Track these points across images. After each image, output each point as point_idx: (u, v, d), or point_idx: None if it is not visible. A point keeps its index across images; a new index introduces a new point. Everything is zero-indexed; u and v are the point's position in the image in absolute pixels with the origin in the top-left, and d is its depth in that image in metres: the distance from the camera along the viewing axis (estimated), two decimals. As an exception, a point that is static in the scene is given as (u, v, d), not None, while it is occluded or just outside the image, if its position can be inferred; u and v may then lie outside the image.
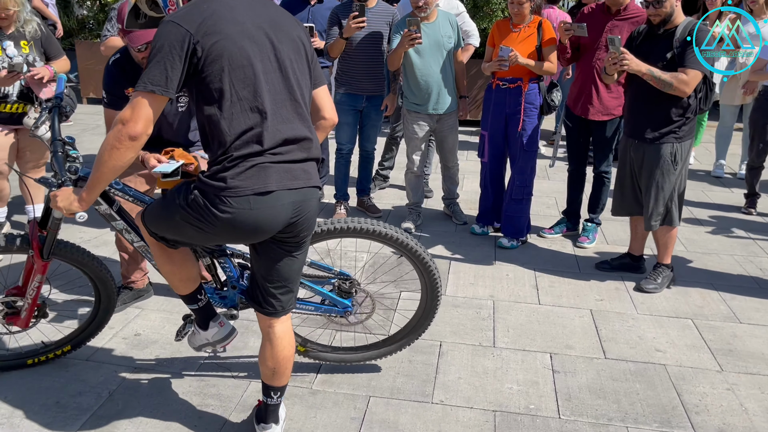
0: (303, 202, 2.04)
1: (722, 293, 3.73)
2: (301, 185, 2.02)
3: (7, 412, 2.53)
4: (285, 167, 1.98)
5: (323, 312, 2.73)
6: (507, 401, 2.70)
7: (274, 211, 1.96)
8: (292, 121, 2.00)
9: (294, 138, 1.99)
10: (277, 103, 1.96)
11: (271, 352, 2.26)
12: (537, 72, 4.06)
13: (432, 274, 2.69)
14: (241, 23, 1.90)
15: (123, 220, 2.45)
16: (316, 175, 2.12)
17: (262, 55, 1.93)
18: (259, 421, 2.40)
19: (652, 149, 3.53)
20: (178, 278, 2.33)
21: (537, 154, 4.29)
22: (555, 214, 4.95)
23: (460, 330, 3.25)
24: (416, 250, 2.61)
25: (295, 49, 2.04)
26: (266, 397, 2.36)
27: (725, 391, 2.81)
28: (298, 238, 2.12)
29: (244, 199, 1.91)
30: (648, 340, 3.20)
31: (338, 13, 4.37)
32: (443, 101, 4.30)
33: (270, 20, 1.99)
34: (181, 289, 2.36)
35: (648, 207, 3.61)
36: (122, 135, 1.82)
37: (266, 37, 1.95)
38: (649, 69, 3.35)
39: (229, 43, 1.86)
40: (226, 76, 1.87)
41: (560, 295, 3.66)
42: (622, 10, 3.98)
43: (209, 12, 1.87)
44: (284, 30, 2.01)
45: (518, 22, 4.08)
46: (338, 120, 4.62)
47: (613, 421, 2.59)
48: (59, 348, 2.82)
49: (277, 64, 1.97)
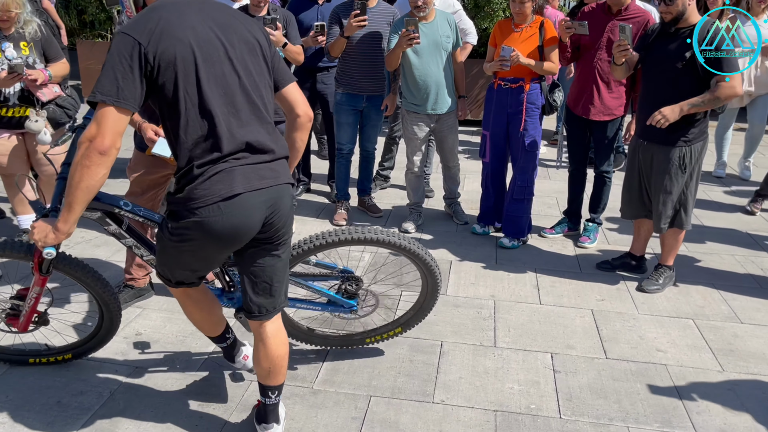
0: (276, 199, 2.04)
1: (723, 293, 3.72)
2: (270, 184, 2.01)
3: (9, 412, 2.53)
4: (250, 168, 1.97)
5: (329, 312, 2.79)
6: (508, 401, 2.70)
7: (247, 212, 1.96)
8: (251, 124, 1.98)
9: (255, 141, 1.98)
10: (233, 107, 1.94)
11: (264, 352, 2.26)
12: (538, 72, 4.06)
13: (434, 274, 2.76)
14: (192, 27, 1.88)
15: (132, 237, 2.44)
16: (286, 172, 2.11)
17: (214, 60, 1.90)
18: (260, 422, 2.41)
19: (661, 152, 3.51)
20: (209, 323, 2.49)
21: (539, 154, 4.28)
22: (556, 214, 4.95)
23: (461, 330, 3.25)
24: (419, 253, 2.67)
25: (251, 51, 2.01)
26: (264, 398, 2.37)
27: (726, 391, 2.81)
28: (277, 237, 2.12)
29: (213, 207, 1.92)
30: (649, 340, 3.20)
31: (339, 12, 4.37)
32: (442, 101, 4.30)
33: (222, 23, 1.96)
34: (212, 332, 2.53)
35: (657, 209, 3.60)
36: (91, 152, 1.79)
37: (218, 41, 1.92)
38: (688, 104, 3.33)
39: (180, 49, 1.84)
40: (180, 82, 1.86)
41: (561, 295, 3.66)
42: (623, 9, 3.97)
43: (158, 19, 1.85)
44: (238, 32, 1.99)
45: (520, 21, 4.08)
46: (339, 120, 4.65)
47: (614, 421, 2.59)
48: (60, 354, 2.82)
49: (231, 67, 1.94)
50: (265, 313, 2.22)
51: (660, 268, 3.78)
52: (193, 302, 2.39)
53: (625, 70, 3.68)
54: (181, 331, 3.15)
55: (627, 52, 3.50)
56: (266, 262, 2.15)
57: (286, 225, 2.13)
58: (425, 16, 4.15)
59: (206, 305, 2.43)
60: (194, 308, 2.41)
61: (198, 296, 2.40)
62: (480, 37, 7.41)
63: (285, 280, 2.26)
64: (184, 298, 2.37)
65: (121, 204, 2.35)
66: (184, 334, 3.12)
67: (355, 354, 3.00)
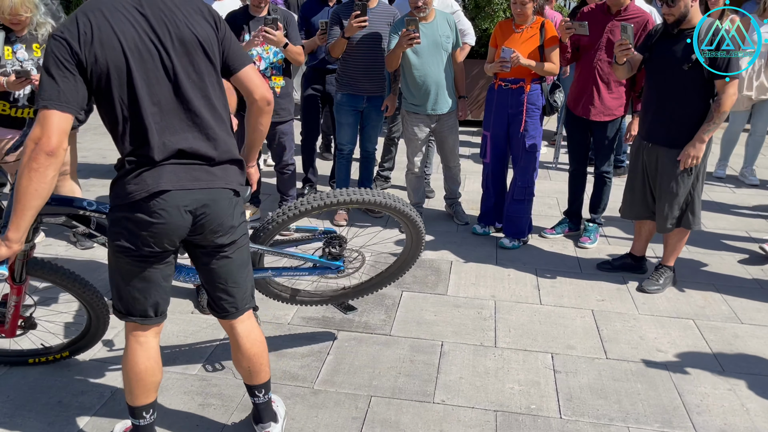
0: (208, 201, 1.99)
1: (723, 294, 3.73)
2: (203, 186, 1.97)
3: (10, 411, 2.53)
4: (182, 168, 1.95)
5: (317, 275, 2.83)
6: (508, 401, 2.70)
7: (171, 210, 1.93)
8: (186, 132, 1.94)
9: (188, 148, 1.94)
10: (165, 115, 1.91)
11: (240, 352, 2.26)
12: (539, 73, 4.06)
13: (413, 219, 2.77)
14: (124, 32, 1.83)
15: (104, 235, 2.40)
16: (229, 177, 2.05)
17: (148, 67, 1.86)
18: (257, 422, 2.41)
19: (667, 154, 3.51)
20: (153, 381, 2.16)
21: (539, 154, 4.29)
22: (556, 214, 4.95)
23: (461, 330, 3.25)
24: (396, 206, 2.68)
25: (190, 50, 1.93)
26: (253, 398, 2.37)
27: (726, 391, 2.81)
28: (214, 240, 2.07)
29: (139, 203, 1.90)
30: (649, 340, 3.20)
31: (339, 13, 4.37)
32: (442, 102, 4.30)
33: (158, 22, 1.88)
34: (141, 398, 2.17)
35: (662, 211, 3.59)
36: (38, 154, 1.73)
37: (152, 45, 1.87)
38: (704, 132, 3.35)
39: (112, 56, 1.80)
40: (114, 90, 1.84)
41: (562, 296, 3.67)
42: (622, 10, 3.97)
43: (88, 23, 1.80)
44: (174, 31, 1.90)
45: (521, 22, 4.08)
46: (339, 120, 4.65)
47: (615, 421, 2.59)
48: (59, 352, 2.83)
49: (165, 74, 1.89)
50: (233, 311, 2.21)
51: (660, 269, 3.78)
52: (142, 349, 2.12)
53: (627, 70, 3.68)
54: (182, 331, 3.15)
55: (629, 51, 3.51)
56: (217, 264, 2.12)
57: (222, 229, 2.06)
58: (425, 17, 4.16)
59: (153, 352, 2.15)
60: (140, 356, 2.11)
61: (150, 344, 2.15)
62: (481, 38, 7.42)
63: (244, 280, 2.21)
64: (132, 340, 2.12)
65: (85, 204, 2.32)
66: (185, 334, 3.13)
67: (355, 354, 3.00)
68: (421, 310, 3.44)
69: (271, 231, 2.63)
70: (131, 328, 2.12)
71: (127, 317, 2.10)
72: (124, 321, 2.12)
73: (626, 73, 3.71)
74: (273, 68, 4.21)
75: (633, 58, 3.62)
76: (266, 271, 2.77)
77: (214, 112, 2.00)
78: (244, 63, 2.10)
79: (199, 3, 2.00)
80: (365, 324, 3.26)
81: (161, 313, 2.14)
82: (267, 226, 2.63)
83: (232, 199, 2.08)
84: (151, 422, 2.23)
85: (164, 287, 2.10)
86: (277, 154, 4.47)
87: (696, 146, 3.38)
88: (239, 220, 2.13)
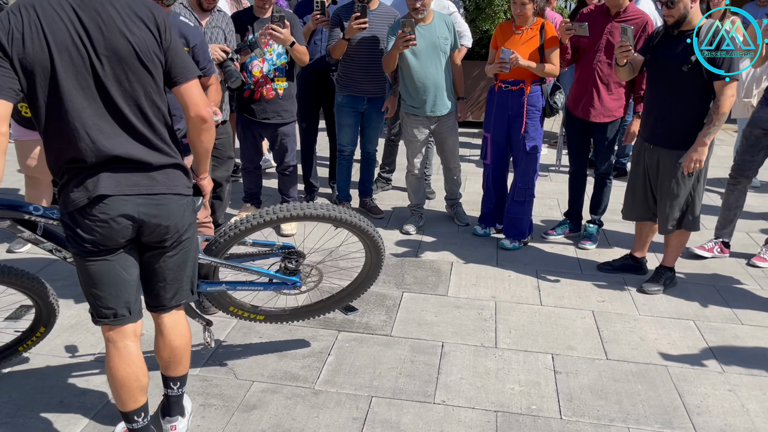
0: (151, 206, 2.00)
1: (724, 294, 3.73)
2: (142, 191, 1.98)
3: (12, 411, 2.54)
4: (121, 174, 1.95)
5: (272, 290, 2.78)
6: (509, 402, 2.70)
7: (113, 215, 1.94)
8: (118, 137, 1.93)
9: (124, 153, 1.93)
10: (96, 119, 1.89)
11: (162, 342, 2.27)
12: (539, 74, 4.07)
13: (368, 233, 2.69)
14: (54, 32, 1.80)
15: (51, 241, 2.38)
16: (171, 181, 2.05)
17: (75, 69, 1.84)
18: (164, 415, 2.41)
19: (668, 156, 3.51)
20: (137, 386, 2.15)
21: (539, 156, 4.29)
22: (557, 215, 4.96)
23: (462, 330, 3.26)
24: (347, 219, 2.60)
25: (124, 58, 1.89)
26: (167, 389, 2.38)
27: (727, 392, 2.81)
28: (160, 242, 2.09)
29: (83, 210, 1.92)
30: (650, 341, 3.21)
31: (340, 14, 4.38)
32: (441, 103, 4.31)
33: (93, 27, 1.84)
34: (129, 404, 2.15)
35: (663, 212, 3.60)
36: None
37: (84, 49, 1.84)
38: (704, 135, 3.36)
39: (37, 55, 1.79)
40: (38, 89, 1.82)
41: (562, 296, 3.67)
42: (621, 12, 3.98)
43: (20, 19, 1.78)
44: (109, 37, 1.86)
45: (521, 23, 4.08)
46: (340, 122, 4.65)
47: (615, 421, 2.59)
48: (33, 335, 2.78)
49: (92, 78, 1.87)
50: (165, 307, 2.23)
51: (661, 270, 3.79)
52: (123, 354, 2.11)
53: (629, 72, 3.68)
54: (183, 332, 3.16)
55: (629, 53, 3.51)
56: (160, 263, 2.14)
57: (170, 231, 2.07)
58: (423, 18, 4.16)
59: (135, 356, 2.14)
60: (120, 361, 2.10)
61: (128, 349, 2.13)
62: (481, 39, 7.44)
63: (181, 278, 2.22)
64: (110, 346, 2.12)
65: (31, 209, 2.28)
66: (186, 335, 3.13)
67: (356, 355, 3.01)
68: (421, 311, 3.44)
69: (224, 244, 2.58)
70: (107, 333, 2.11)
71: (99, 320, 2.09)
72: (99, 326, 2.12)
73: (628, 75, 3.71)
74: (276, 70, 4.22)
75: (634, 59, 3.63)
76: (220, 285, 2.69)
77: (145, 120, 1.98)
78: (187, 77, 2.05)
79: (145, 10, 1.95)
80: (366, 325, 3.27)
81: (134, 312, 2.12)
82: (219, 239, 2.58)
83: (180, 203, 2.08)
84: (145, 425, 2.23)
85: (128, 281, 2.09)
86: (278, 155, 4.47)
87: (698, 150, 3.39)
88: (188, 222, 2.14)
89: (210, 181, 2.41)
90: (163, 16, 1.99)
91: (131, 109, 1.94)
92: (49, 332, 2.80)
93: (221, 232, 2.59)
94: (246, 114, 4.33)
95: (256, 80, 4.18)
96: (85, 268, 2.03)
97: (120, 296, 2.07)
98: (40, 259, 3.86)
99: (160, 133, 2.03)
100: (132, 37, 1.89)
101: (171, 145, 2.07)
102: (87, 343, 3.03)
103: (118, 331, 2.10)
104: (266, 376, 2.83)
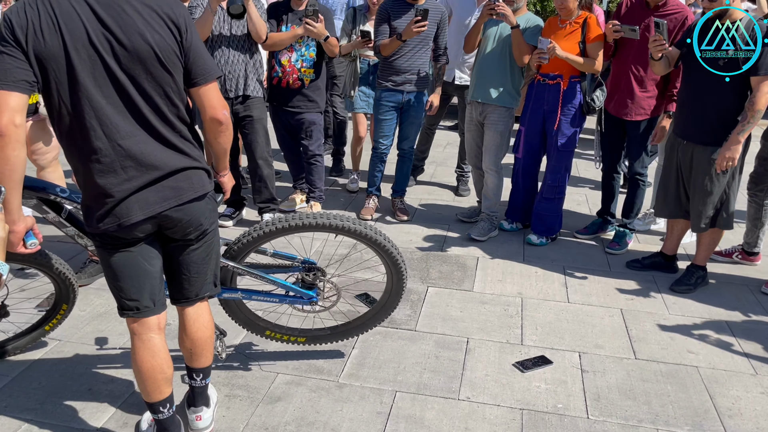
0: (178, 211, 2.02)
1: (758, 295, 3.64)
2: (173, 204, 1.99)
3: (41, 398, 2.58)
4: (149, 191, 1.95)
5: (288, 303, 2.73)
6: (534, 400, 2.67)
7: (137, 226, 1.98)
8: (136, 135, 1.92)
9: (139, 153, 1.92)
10: (113, 117, 1.87)
11: (185, 334, 2.29)
12: (578, 68, 3.96)
13: (392, 255, 2.61)
14: (71, 29, 1.78)
15: (74, 226, 2.39)
16: (192, 185, 2.04)
17: (93, 66, 1.82)
18: (190, 405, 2.42)
19: (701, 152, 3.44)
20: (162, 377, 2.16)
21: (573, 153, 4.20)
22: (585, 211, 4.89)
23: (487, 327, 3.23)
24: (372, 236, 2.54)
25: (143, 58, 1.86)
26: (190, 380, 2.39)
27: (759, 395, 2.75)
28: (184, 236, 2.11)
29: (111, 228, 1.96)
30: (680, 341, 3.15)
31: (387, 9, 4.30)
32: (489, 91, 4.19)
33: (114, 25, 1.82)
34: (154, 395, 2.17)
35: (696, 210, 3.52)
36: None
37: (101, 46, 1.81)
38: (738, 133, 3.28)
39: (51, 50, 1.77)
40: (53, 88, 1.82)
41: (590, 294, 3.62)
42: (661, 5, 3.88)
43: (36, 12, 1.77)
44: (128, 37, 1.84)
45: (564, 17, 4.00)
46: (378, 116, 4.59)
47: (643, 422, 2.55)
48: (56, 314, 2.84)
49: (107, 76, 1.84)
50: (188, 300, 2.24)
51: (692, 269, 3.71)
52: (146, 346, 2.12)
53: (665, 66, 3.60)
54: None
55: (663, 47, 3.43)
56: (184, 256, 2.16)
57: (194, 226, 2.09)
58: (517, 9, 4.07)
59: (159, 348, 2.15)
60: (145, 353, 2.12)
61: (153, 342, 2.14)
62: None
63: (205, 271, 2.23)
64: (136, 338, 2.13)
65: (58, 191, 2.29)
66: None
67: (380, 349, 3.00)
68: (446, 306, 3.42)
69: (242, 248, 2.55)
70: (131, 326, 2.13)
71: (124, 312, 2.11)
72: (124, 318, 2.13)
73: (664, 69, 3.63)
74: (303, 61, 4.23)
75: (670, 53, 3.54)
76: (236, 292, 2.65)
77: (164, 119, 1.97)
78: (207, 78, 2.03)
79: (166, 9, 1.92)
80: (390, 319, 3.26)
81: (158, 304, 2.13)
82: (238, 242, 2.55)
83: (203, 204, 2.10)
84: (171, 415, 2.25)
85: (151, 272, 2.09)
86: (304, 144, 4.48)
87: (731, 148, 3.30)
88: (212, 218, 2.17)
89: (230, 178, 2.43)
90: (185, 15, 1.97)
91: (149, 108, 1.93)
92: (72, 309, 2.84)
93: (238, 237, 2.57)
94: (275, 102, 4.41)
95: (284, 69, 4.23)
96: (107, 260, 2.05)
97: (143, 288, 2.08)
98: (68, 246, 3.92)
99: (180, 131, 2.02)
100: (152, 37, 1.87)
101: (192, 142, 2.07)
102: (115, 331, 3.07)
103: (143, 323, 2.11)
104: (291, 368, 2.84)
